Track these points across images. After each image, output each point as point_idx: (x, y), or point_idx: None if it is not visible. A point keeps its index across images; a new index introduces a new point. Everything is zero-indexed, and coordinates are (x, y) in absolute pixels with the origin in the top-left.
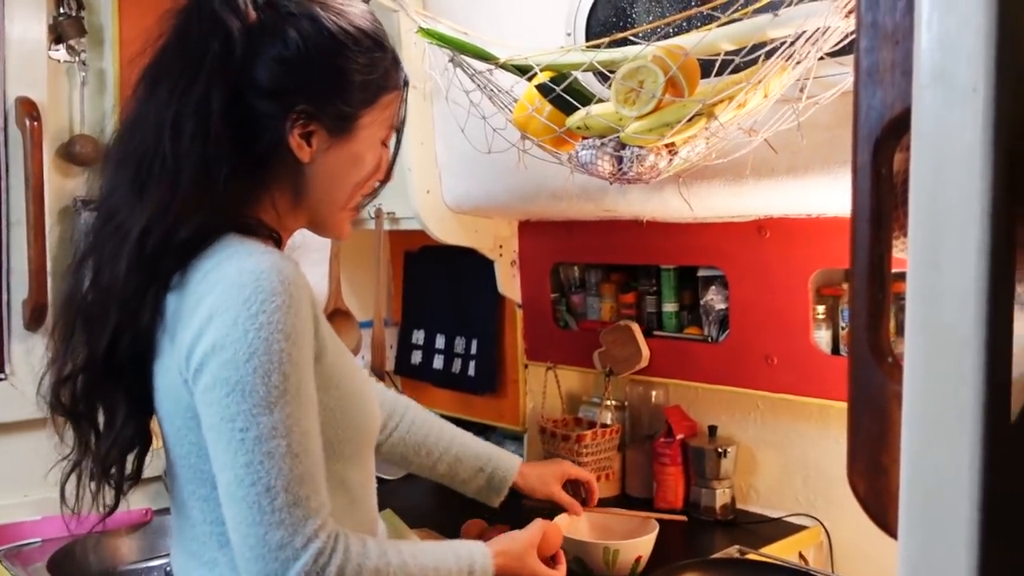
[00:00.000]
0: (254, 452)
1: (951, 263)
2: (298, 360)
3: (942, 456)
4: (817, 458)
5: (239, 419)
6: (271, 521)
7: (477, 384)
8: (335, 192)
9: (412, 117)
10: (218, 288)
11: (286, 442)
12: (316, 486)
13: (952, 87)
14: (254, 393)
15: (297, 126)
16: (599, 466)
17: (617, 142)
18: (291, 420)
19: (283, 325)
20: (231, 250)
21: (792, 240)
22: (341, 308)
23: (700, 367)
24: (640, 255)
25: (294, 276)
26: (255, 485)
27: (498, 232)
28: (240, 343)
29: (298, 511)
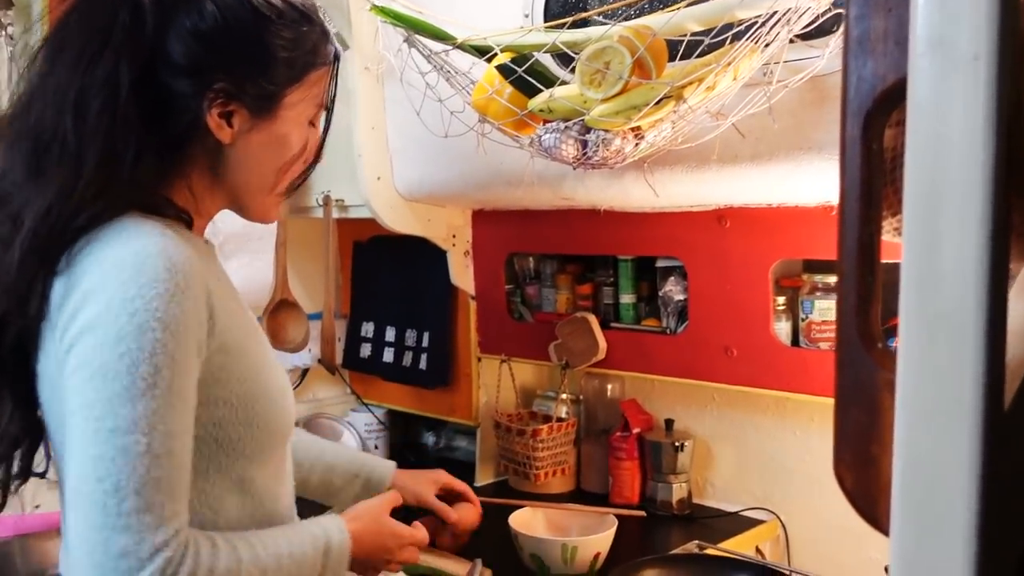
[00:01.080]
0: (107, 445)
1: (949, 244)
2: (175, 353)
3: (937, 445)
4: (774, 451)
5: (97, 406)
6: (115, 525)
7: (429, 378)
8: (259, 175)
9: (363, 100)
10: (99, 268)
11: (146, 440)
12: (174, 493)
13: (951, 56)
14: (116, 381)
15: (216, 105)
16: (555, 460)
17: (582, 125)
18: (155, 417)
19: (161, 314)
20: (123, 230)
21: (752, 230)
22: (288, 299)
23: (658, 359)
24: (597, 245)
25: (185, 263)
26: (102, 482)
27: (451, 221)
28: (110, 326)
29: (148, 517)
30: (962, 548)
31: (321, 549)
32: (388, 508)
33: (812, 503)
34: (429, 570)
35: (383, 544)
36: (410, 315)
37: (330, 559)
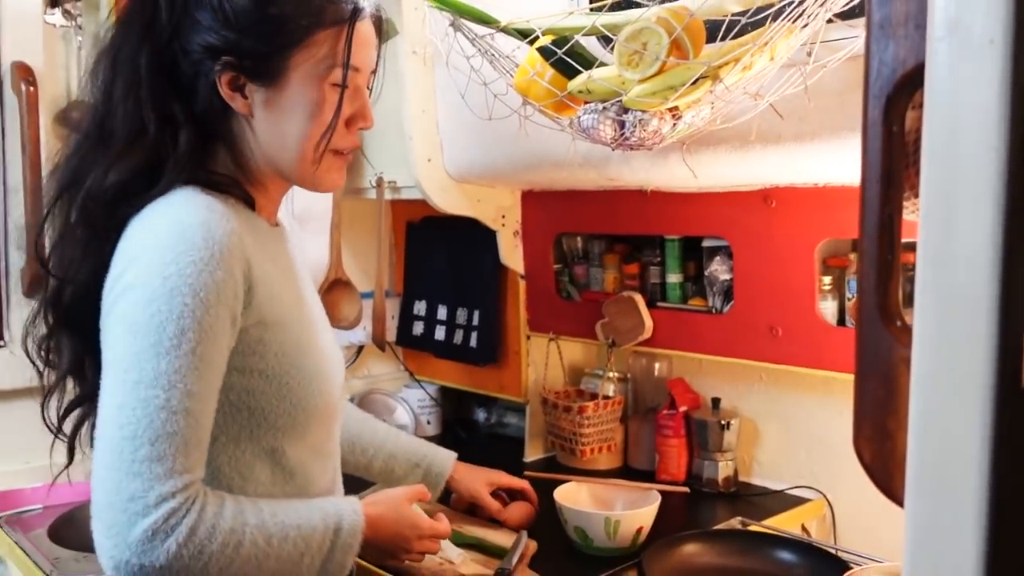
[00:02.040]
0: (130, 395)
1: (964, 223)
2: (202, 319)
3: (951, 421)
4: (820, 430)
5: (125, 360)
6: (128, 470)
7: (479, 355)
8: (286, 143)
9: (413, 84)
10: (144, 235)
11: (165, 395)
12: (188, 449)
13: (968, 40)
14: (144, 337)
15: (225, 78)
16: (601, 437)
17: (620, 106)
18: (177, 375)
19: (192, 280)
20: (173, 202)
21: (798, 210)
22: (342, 278)
23: (704, 338)
24: (644, 225)
25: (224, 236)
26: (122, 428)
27: (500, 202)
28: (145, 288)
29: (159, 467)
30: (974, 522)
31: (332, 527)
32: (410, 498)
33: (859, 483)
34: (475, 540)
35: (400, 532)
36: (461, 294)
37: (340, 538)
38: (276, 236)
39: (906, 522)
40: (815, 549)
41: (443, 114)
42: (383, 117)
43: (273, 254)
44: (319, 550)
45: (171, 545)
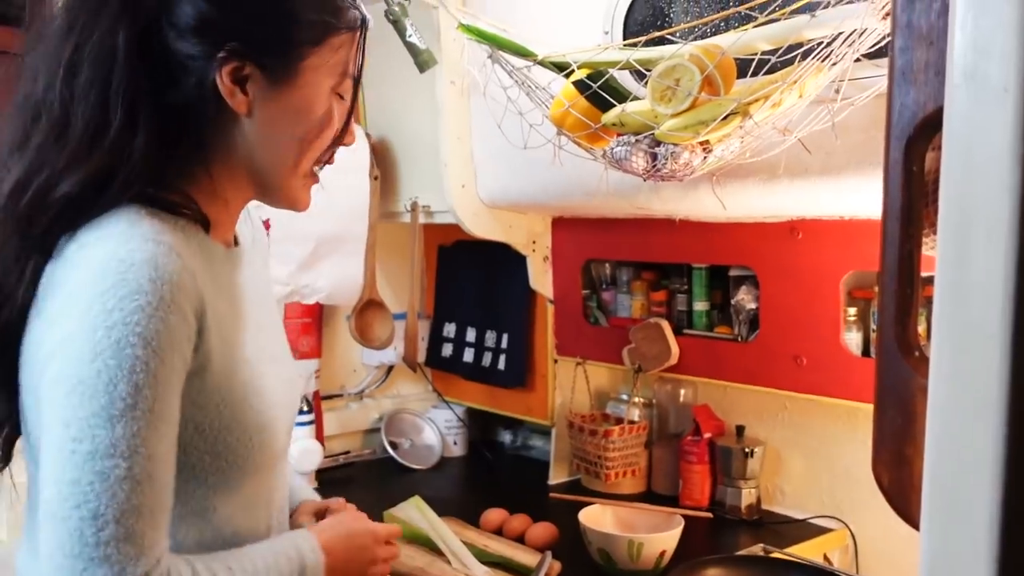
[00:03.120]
0: (84, 469)
1: (979, 259)
2: (157, 372)
3: (965, 448)
4: (845, 461)
5: (73, 426)
6: (93, 556)
7: (507, 378)
8: (281, 150)
9: (450, 112)
10: (83, 271)
11: (126, 464)
12: (156, 520)
13: (984, 87)
14: (94, 400)
15: (228, 69)
16: (626, 462)
17: (652, 139)
18: (136, 440)
19: (142, 328)
20: (117, 227)
21: (824, 242)
22: (375, 299)
23: (729, 366)
24: (672, 253)
25: (174, 274)
26: (79, 508)
27: (532, 228)
28: (87, 340)
29: (129, 547)
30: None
31: (296, 570)
32: (357, 515)
33: (883, 514)
34: (500, 558)
35: (360, 544)
36: (490, 317)
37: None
38: (230, 261)
39: (921, 545)
40: None
41: (478, 142)
42: (419, 144)
43: (226, 285)
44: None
45: None
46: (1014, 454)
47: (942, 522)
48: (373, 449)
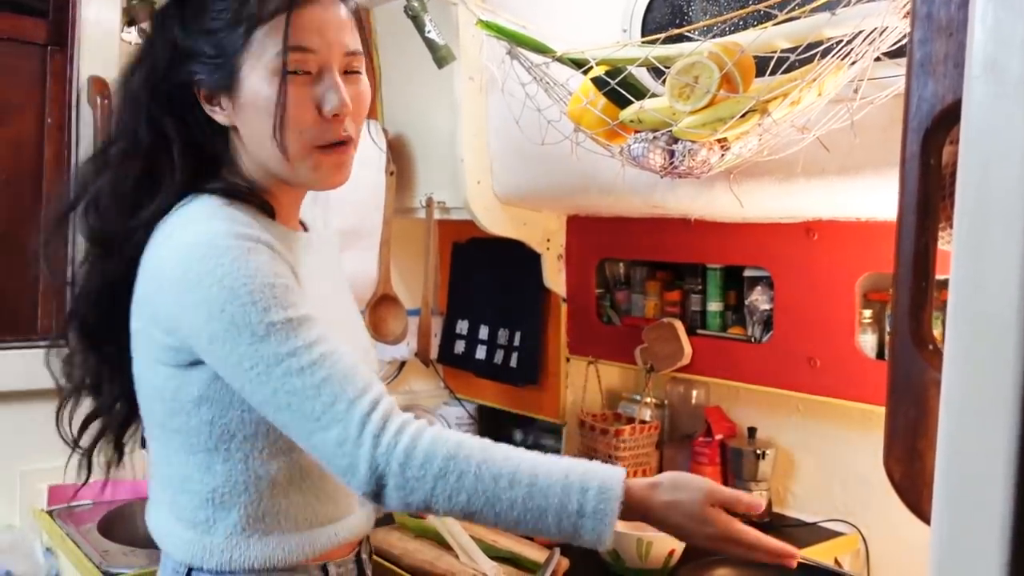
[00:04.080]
0: (268, 383)
1: (995, 252)
2: (272, 292)
3: (978, 442)
4: (858, 465)
5: (245, 361)
6: (316, 429)
7: (519, 376)
8: (265, 145)
9: (467, 109)
10: (177, 254)
11: (295, 359)
12: (347, 379)
13: (1003, 79)
14: (241, 338)
15: (202, 95)
16: (637, 461)
17: (669, 136)
18: (290, 343)
19: (244, 270)
20: (195, 213)
21: (840, 243)
22: (389, 294)
23: (742, 367)
24: (687, 253)
25: (249, 234)
26: (290, 407)
27: (546, 226)
28: (208, 302)
29: (338, 407)
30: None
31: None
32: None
33: (895, 519)
34: (508, 554)
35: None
36: (503, 315)
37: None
38: (299, 242)
39: (932, 539)
40: None
41: (494, 139)
42: (436, 140)
43: (299, 258)
44: (562, 507)
45: (394, 467)
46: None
47: (953, 517)
48: None
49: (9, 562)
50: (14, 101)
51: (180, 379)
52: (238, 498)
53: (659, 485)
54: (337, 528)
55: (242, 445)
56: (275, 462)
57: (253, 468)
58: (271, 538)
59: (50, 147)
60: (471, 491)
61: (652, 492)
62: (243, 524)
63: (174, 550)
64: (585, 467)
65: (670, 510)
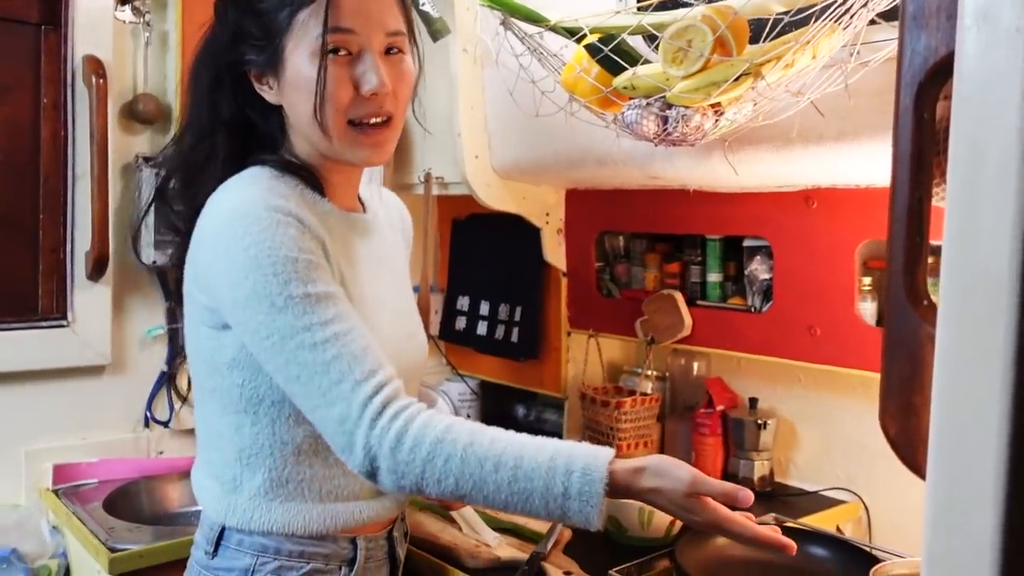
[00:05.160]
0: (282, 353)
1: (988, 204)
2: (296, 267)
3: (972, 397)
4: (859, 434)
5: (261, 330)
6: (321, 404)
7: (520, 350)
8: (305, 122)
9: (463, 82)
10: (216, 219)
11: (308, 335)
12: (360, 360)
13: (996, 28)
14: (260, 305)
15: (254, 76)
16: (638, 434)
17: (663, 102)
18: (306, 317)
19: (270, 242)
20: (238, 182)
21: (839, 211)
22: None
23: (743, 337)
24: (686, 225)
25: (282, 207)
26: (299, 380)
27: (545, 200)
28: (234, 268)
29: (344, 386)
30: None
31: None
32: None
33: (897, 487)
34: (511, 524)
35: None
36: (504, 290)
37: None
38: (346, 221)
39: (927, 494)
40: (848, 545)
41: (491, 112)
42: (432, 114)
43: (339, 236)
44: (547, 490)
45: (386, 449)
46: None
47: (948, 472)
48: None
49: (16, 541)
50: (8, 81)
51: (216, 341)
52: (263, 461)
53: (644, 470)
54: (361, 506)
55: (269, 410)
56: (300, 429)
57: (279, 433)
58: (292, 504)
59: (46, 127)
60: (458, 475)
61: (636, 477)
62: (266, 487)
63: (206, 505)
64: (571, 449)
65: (653, 496)
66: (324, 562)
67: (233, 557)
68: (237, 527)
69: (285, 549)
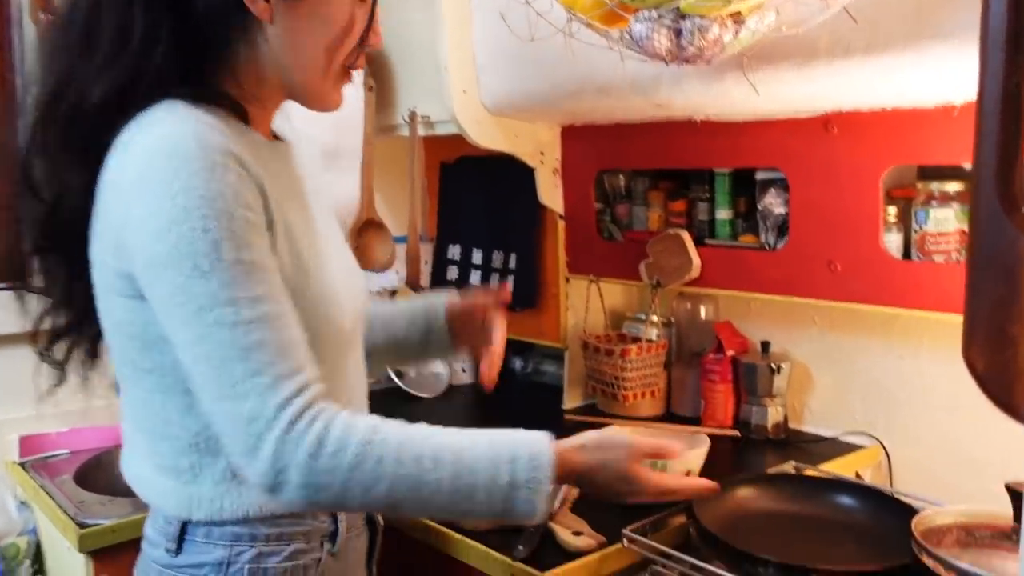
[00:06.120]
0: (198, 325)
1: None
2: (230, 226)
3: None
4: (878, 375)
5: (176, 296)
6: (233, 394)
7: (516, 299)
8: (307, 57)
9: (449, 11)
10: (134, 160)
11: (232, 310)
12: (286, 353)
13: None
14: (180, 266)
15: None
16: (644, 382)
17: (676, 13)
18: (232, 288)
19: (202, 191)
20: (157, 115)
21: (862, 136)
22: (374, 220)
23: (756, 276)
24: (693, 158)
25: (220, 144)
26: (209, 360)
27: (539, 137)
28: (158, 216)
29: (264, 379)
30: None
31: (505, 458)
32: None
33: (919, 430)
34: None
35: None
36: (497, 236)
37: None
38: (277, 152)
39: None
40: (875, 492)
41: (480, 42)
42: (417, 48)
43: (276, 169)
44: (492, 482)
45: (301, 458)
46: None
47: None
48: (377, 379)
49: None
50: None
51: (142, 313)
52: None
53: (585, 447)
54: None
55: None
56: None
57: None
58: None
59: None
60: (393, 478)
61: (579, 454)
62: (232, 470)
63: (161, 502)
64: (511, 436)
65: (598, 472)
66: (305, 540)
67: (202, 552)
68: (205, 520)
69: (262, 534)
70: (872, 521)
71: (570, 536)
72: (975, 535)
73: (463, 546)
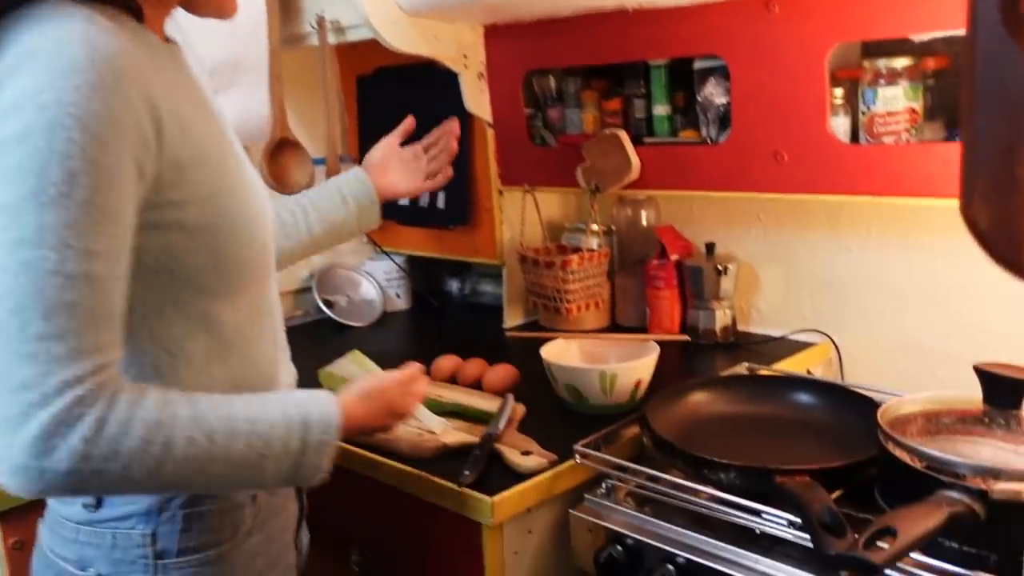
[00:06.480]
0: (10, 257)
1: None
2: (97, 159)
3: None
4: (825, 269)
5: (2, 213)
6: (18, 351)
7: (448, 217)
8: None
9: None
10: (12, 57)
11: (56, 256)
12: (96, 324)
13: None
14: (21, 184)
15: None
16: (588, 293)
17: None
18: (69, 232)
19: (77, 110)
20: (43, 12)
21: (805, 13)
22: (289, 139)
23: (698, 173)
24: (626, 51)
25: (115, 55)
26: (4, 300)
27: (461, 39)
28: (18, 119)
29: (58, 346)
30: None
31: (297, 421)
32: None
33: (868, 323)
34: (456, 407)
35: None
36: None
37: (310, 434)
38: (172, 54)
39: None
40: (833, 387)
41: None
42: None
43: (174, 76)
44: (284, 449)
45: (75, 442)
46: None
47: None
48: (306, 310)
49: None
50: None
51: None
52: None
53: (356, 399)
54: None
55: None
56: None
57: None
58: None
59: None
60: (181, 459)
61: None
62: None
63: None
64: (298, 397)
65: (368, 418)
66: None
67: (126, 501)
68: None
69: None
70: (831, 417)
71: (519, 456)
72: (940, 422)
73: (405, 475)
